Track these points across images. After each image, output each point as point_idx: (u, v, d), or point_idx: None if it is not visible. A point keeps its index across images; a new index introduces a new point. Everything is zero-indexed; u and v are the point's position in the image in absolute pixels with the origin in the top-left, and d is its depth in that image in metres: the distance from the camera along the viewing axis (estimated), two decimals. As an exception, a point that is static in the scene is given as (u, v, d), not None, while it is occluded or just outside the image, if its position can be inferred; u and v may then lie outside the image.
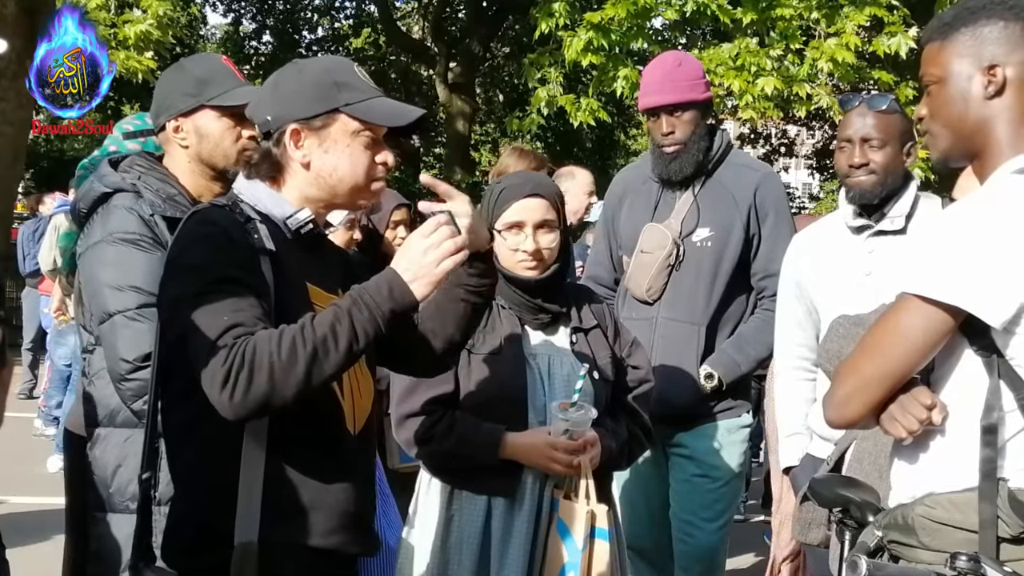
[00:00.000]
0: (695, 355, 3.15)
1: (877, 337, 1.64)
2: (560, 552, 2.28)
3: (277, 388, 1.61)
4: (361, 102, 1.81)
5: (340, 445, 1.81)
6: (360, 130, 1.81)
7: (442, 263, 1.71)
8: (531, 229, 2.38)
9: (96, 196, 2.26)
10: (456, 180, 18.39)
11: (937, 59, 1.72)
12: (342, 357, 1.65)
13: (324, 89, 1.80)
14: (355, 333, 1.66)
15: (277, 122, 1.81)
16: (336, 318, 1.66)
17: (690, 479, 3.20)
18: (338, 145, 1.81)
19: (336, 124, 1.80)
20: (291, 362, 1.61)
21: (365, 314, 1.67)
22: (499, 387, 2.36)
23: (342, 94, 1.80)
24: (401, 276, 1.71)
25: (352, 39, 22.99)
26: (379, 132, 1.84)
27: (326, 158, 1.81)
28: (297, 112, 1.80)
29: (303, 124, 1.80)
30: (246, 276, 1.70)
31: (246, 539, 1.67)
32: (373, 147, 1.83)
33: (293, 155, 1.81)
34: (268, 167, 1.84)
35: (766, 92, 8.70)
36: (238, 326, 1.63)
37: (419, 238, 1.73)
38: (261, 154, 1.85)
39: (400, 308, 1.70)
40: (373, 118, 1.82)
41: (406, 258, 1.73)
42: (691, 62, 3.31)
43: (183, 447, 1.79)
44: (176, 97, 2.29)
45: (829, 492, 1.93)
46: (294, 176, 1.84)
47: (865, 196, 2.74)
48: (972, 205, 1.61)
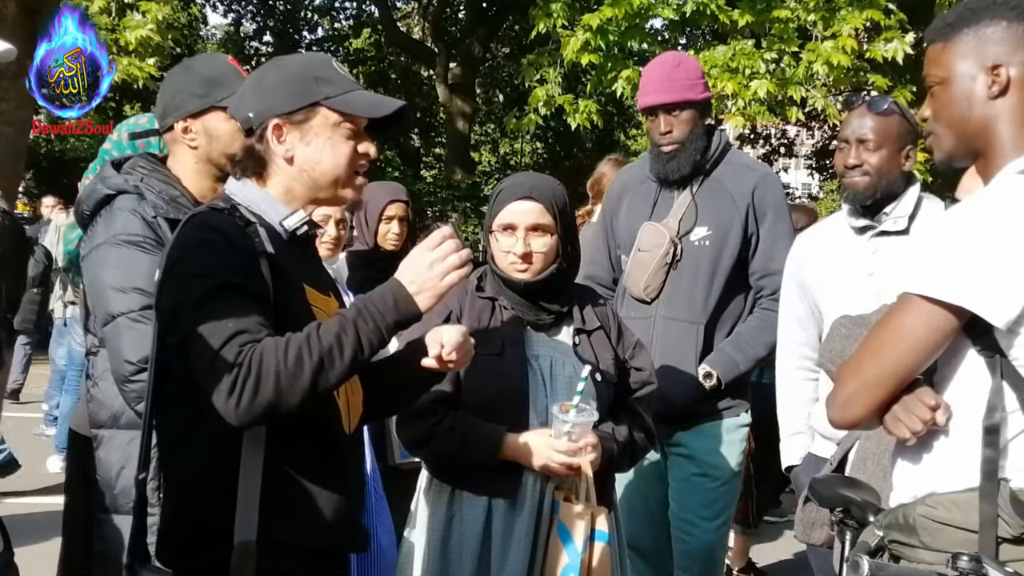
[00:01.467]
0: (694, 354, 3.15)
1: (880, 337, 1.64)
2: (560, 554, 2.27)
3: (283, 396, 1.63)
4: (341, 95, 1.83)
5: (336, 444, 1.83)
6: (340, 122, 1.83)
7: (447, 277, 1.75)
8: (523, 232, 2.38)
9: (99, 198, 2.25)
10: (456, 180, 18.42)
11: (940, 60, 1.72)
12: (347, 367, 1.69)
13: (304, 83, 1.83)
14: (360, 344, 1.69)
15: (259, 118, 1.83)
16: (342, 328, 1.68)
17: (689, 478, 3.20)
18: (319, 138, 1.83)
19: (317, 117, 1.83)
20: (297, 371, 1.63)
21: (370, 325, 1.70)
22: (500, 388, 2.36)
23: (321, 88, 1.82)
24: (406, 288, 1.74)
25: (352, 39, 22.99)
26: (359, 124, 1.87)
27: (308, 151, 1.83)
28: (278, 107, 1.82)
29: (284, 119, 1.82)
30: (248, 282, 1.71)
31: (245, 538, 1.68)
32: (354, 138, 1.86)
33: (276, 150, 1.83)
34: (253, 163, 1.86)
35: (759, 95, 8.71)
36: (243, 333, 1.64)
37: (424, 251, 1.76)
38: (245, 151, 1.87)
39: (404, 319, 1.74)
40: (353, 109, 1.84)
41: (411, 270, 1.76)
42: (690, 62, 3.32)
43: (179, 448, 1.80)
44: (185, 98, 2.29)
45: (830, 492, 1.93)
46: (278, 171, 1.85)
47: (858, 197, 2.75)
48: (976, 205, 1.61)
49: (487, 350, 2.34)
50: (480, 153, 24.74)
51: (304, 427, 1.75)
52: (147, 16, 9.32)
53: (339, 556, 1.89)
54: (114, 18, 9.39)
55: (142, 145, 2.47)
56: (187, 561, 1.76)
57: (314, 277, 1.89)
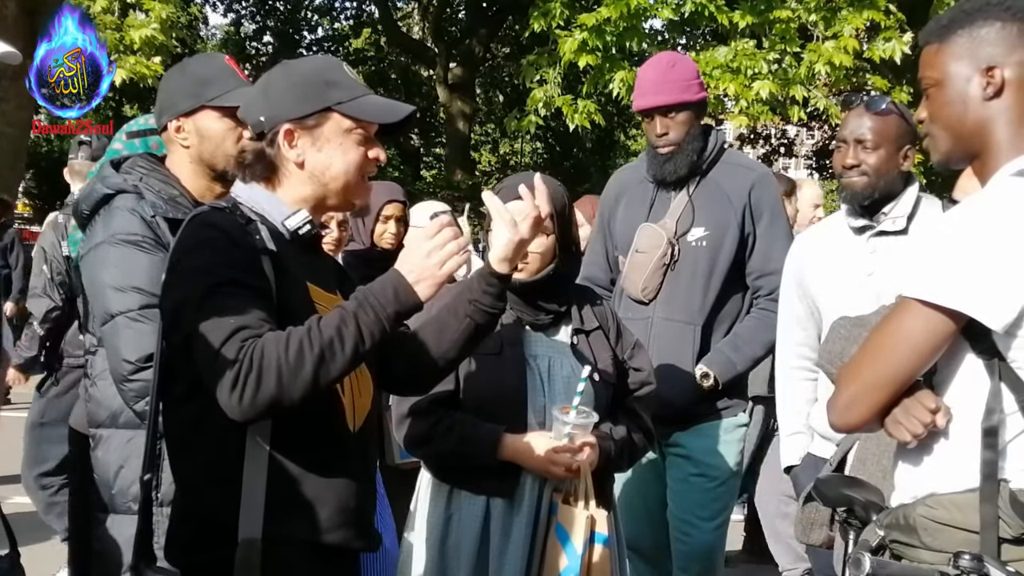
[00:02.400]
0: (691, 355, 3.15)
1: (879, 341, 1.64)
2: (559, 556, 2.27)
3: (285, 390, 1.64)
4: (352, 100, 1.83)
5: (341, 443, 1.83)
6: (352, 128, 1.84)
7: (445, 264, 1.74)
8: None
9: (98, 198, 2.26)
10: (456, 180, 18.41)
11: (935, 61, 1.72)
12: (348, 359, 1.68)
13: (315, 88, 1.83)
14: (361, 335, 1.69)
15: (270, 123, 1.83)
16: (342, 320, 1.68)
17: (687, 478, 3.20)
18: (331, 143, 1.83)
19: (329, 123, 1.83)
20: (298, 364, 1.63)
21: (371, 316, 1.70)
22: (499, 387, 2.37)
23: (333, 93, 1.82)
24: (405, 278, 1.74)
25: (352, 39, 22.98)
26: (371, 129, 1.87)
27: (320, 156, 1.83)
28: (290, 112, 1.82)
29: (296, 124, 1.82)
30: (250, 278, 1.71)
31: (250, 536, 1.69)
32: (365, 144, 1.86)
33: (287, 155, 1.83)
34: (262, 168, 1.86)
35: (761, 96, 8.71)
36: (244, 329, 1.65)
37: (422, 240, 1.76)
38: (255, 155, 1.86)
39: (405, 309, 1.74)
40: (365, 115, 1.84)
41: (410, 260, 1.76)
42: (685, 63, 3.32)
43: (186, 447, 1.80)
44: (178, 97, 2.29)
45: (833, 492, 1.93)
46: (289, 176, 1.86)
47: (856, 197, 2.75)
48: (972, 208, 1.61)
49: (486, 350, 2.35)
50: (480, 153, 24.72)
51: (308, 425, 1.76)
52: (151, 15, 9.33)
53: (346, 554, 1.89)
54: (117, 17, 9.39)
55: (155, 145, 2.46)
56: (194, 558, 1.78)
57: (318, 275, 1.89)
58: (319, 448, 1.79)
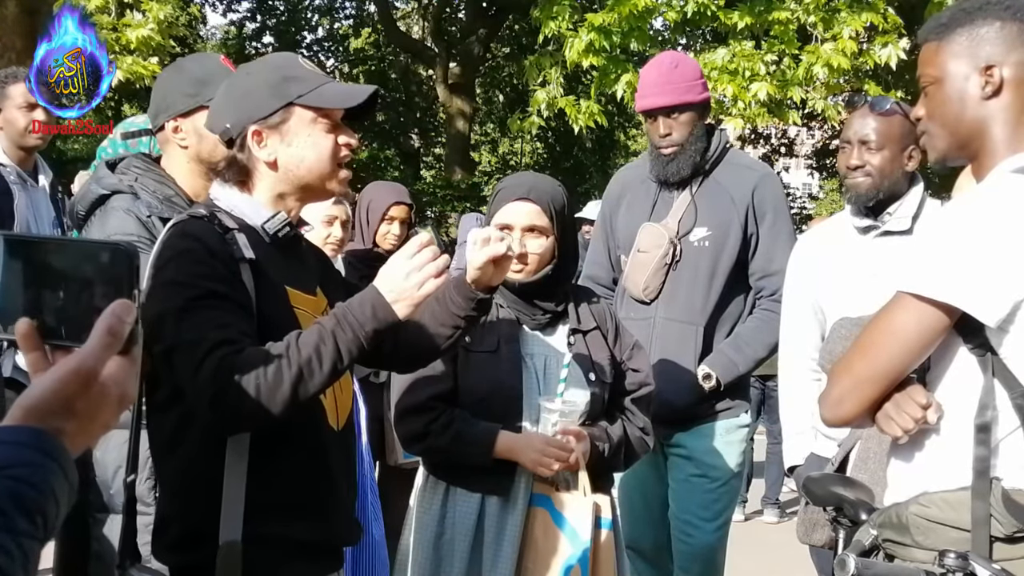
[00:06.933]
0: (693, 355, 3.15)
1: (871, 336, 1.64)
2: (557, 544, 2.29)
3: (264, 408, 1.66)
4: (312, 91, 1.84)
5: (323, 442, 1.85)
6: (316, 118, 1.85)
7: (423, 286, 1.76)
8: (519, 232, 2.38)
9: (94, 198, 2.26)
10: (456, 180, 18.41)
11: (934, 60, 1.72)
12: (326, 376, 1.70)
13: (275, 86, 1.84)
14: (339, 353, 1.70)
15: (237, 127, 1.84)
16: (321, 338, 1.70)
17: (688, 479, 3.20)
18: (299, 137, 1.84)
19: (293, 117, 1.84)
20: (277, 383, 1.65)
21: (349, 334, 1.71)
22: (495, 386, 2.37)
23: (293, 87, 1.83)
24: (384, 296, 1.75)
25: (352, 39, 22.97)
26: (336, 116, 1.88)
27: (291, 151, 1.84)
28: (254, 113, 1.83)
29: (262, 123, 1.83)
30: (228, 290, 1.72)
31: (230, 539, 1.71)
32: (333, 131, 1.87)
33: (259, 155, 1.84)
34: (236, 172, 1.87)
35: (759, 97, 8.71)
36: (224, 344, 1.66)
37: (402, 259, 1.77)
38: (227, 161, 1.88)
39: (383, 327, 1.75)
40: (327, 103, 1.85)
41: (389, 279, 1.77)
42: (688, 63, 3.31)
43: (169, 451, 1.82)
44: (175, 97, 2.29)
45: (822, 491, 1.93)
46: (263, 177, 1.87)
47: (860, 198, 2.75)
48: (967, 203, 1.61)
49: (483, 347, 2.36)
50: (480, 153, 24.71)
51: (290, 426, 1.77)
52: (148, 16, 9.32)
53: (331, 549, 1.92)
54: (114, 17, 9.38)
55: (134, 144, 2.47)
56: (178, 559, 1.79)
57: (297, 277, 1.89)
58: (302, 449, 1.81)
